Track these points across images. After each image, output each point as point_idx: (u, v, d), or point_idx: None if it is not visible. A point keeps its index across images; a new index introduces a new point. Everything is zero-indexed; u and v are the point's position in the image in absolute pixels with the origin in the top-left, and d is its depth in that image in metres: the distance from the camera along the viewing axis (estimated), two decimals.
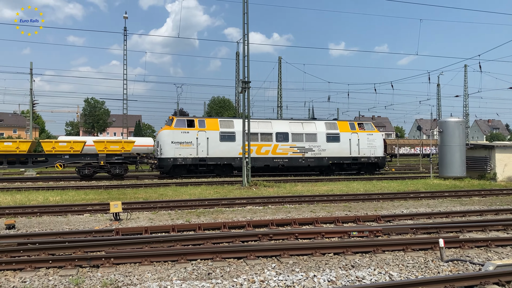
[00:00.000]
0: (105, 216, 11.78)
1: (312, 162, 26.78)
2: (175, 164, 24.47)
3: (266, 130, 26.22)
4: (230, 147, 25.20)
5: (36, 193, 16.54)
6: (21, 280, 6.15)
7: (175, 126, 24.83)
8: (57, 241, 8.13)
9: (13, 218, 11.10)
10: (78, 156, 23.86)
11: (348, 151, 27.42)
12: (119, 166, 24.24)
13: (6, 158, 22.63)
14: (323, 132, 27.12)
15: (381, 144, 28.33)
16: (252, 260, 7.12)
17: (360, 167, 28.14)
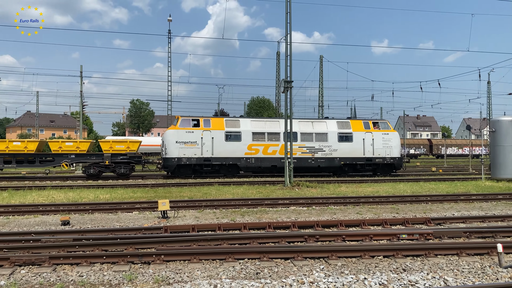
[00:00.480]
0: (153, 213, 12.09)
1: (323, 163, 25.82)
2: (180, 164, 24.34)
3: (274, 130, 25.52)
4: (235, 146, 24.81)
5: (87, 191, 17.25)
6: (78, 274, 6.42)
7: (180, 126, 24.70)
8: (109, 238, 8.41)
9: (68, 215, 11.63)
10: (84, 155, 24.36)
11: (361, 152, 26.12)
12: (124, 165, 24.44)
13: (15, 157, 23.51)
14: (335, 132, 26.05)
15: (397, 144, 26.75)
16: (300, 261, 7.06)
17: (375, 168, 26.78)
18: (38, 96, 65.85)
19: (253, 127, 25.41)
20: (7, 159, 23.45)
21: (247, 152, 24.89)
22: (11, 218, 11.43)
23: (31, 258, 6.93)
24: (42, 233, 8.92)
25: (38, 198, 14.92)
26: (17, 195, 15.71)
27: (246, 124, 25.43)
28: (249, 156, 24.90)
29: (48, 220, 11.11)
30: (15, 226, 10.33)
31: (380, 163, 26.39)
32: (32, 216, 11.72)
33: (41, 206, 12.86)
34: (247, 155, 24.79)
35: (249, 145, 24.97)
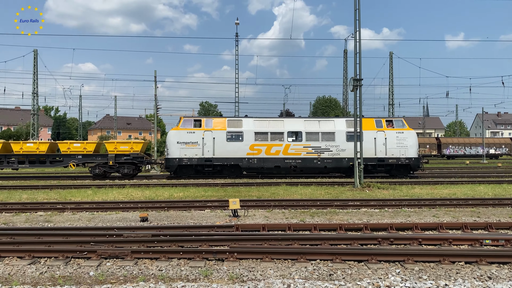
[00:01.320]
0: (224, 212, 12.41)
1: (330, 163, 24.69)
2: (181, 164, 24.44)
3: (277, 129, 24.85)
4: (237, 147, 24.48)
5: (162, 189, 18.11)
6: (158, 268, 6.76)
7: (182, 126, 24.80)
8: (184, 234, 8.77)
9: (146, 212, 12.30)
10: (90, 156, 25.10)
11: (372, 151, 24.46)
12: (128, 166, 24.99)
13: (28, 158, 24.85)
14: (343, 131, 24.74)
15: (414, 143, 24.83)
16: (374, 264, 6.87)
17: (390, 169, 25.18)
18: (116, 100, 70.39)
19: (256, 127, 24.97)
20: (21, 159, 25.00)
21: (249, 152, 24.54)
22: (96, 214, 12.33)
23: (115, 251, 7.43)
24: (123, 229, 9.51)
25: (119, 196, 15.93)
26: (99, 193, 16.91)
27: (248, 124, 25.04)
28: (251, 157, 24.53)
29: (128, 216, 11.83)
30: (100, 221, 11.13)
31: (394, 163, 24.74)
32: (114, 212, 12.55)
33: (121, 203, 13.72)
34: (249, 155, 24.48)
35: (251, 145, 24.61)
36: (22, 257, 7.36)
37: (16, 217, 11.87)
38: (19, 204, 13.55)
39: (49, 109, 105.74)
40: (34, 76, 44.95)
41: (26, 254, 7.39)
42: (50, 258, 7.35)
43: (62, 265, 7.01)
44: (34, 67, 44.77)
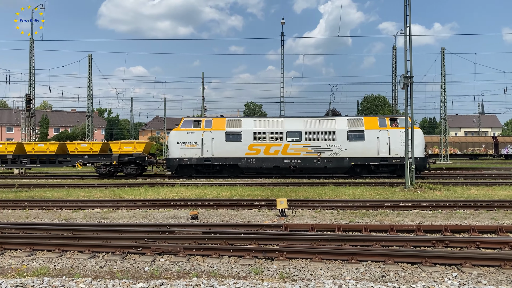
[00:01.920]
0: (272, 211, 12.45)
1: (330, 164, 24.07)
2: (181, 164, 24.74)
3: (276, 129, 24.57)
4: (236, 147, 24.46)
5: (210, 188, 18.46)
6: (209, 265, 6.91)
7: (182, 126, 25.14)
8: (233, 232, 8.90)
9: (196, 210, 12.59)
10: (96, 156, 25.93)
11: (375, 151, 23.72)
12: (131, 165, 25.72)
13: (38, 158, 26.12)
14: (344, 130, 24.10)
15: (419, 142, 23.51)
16: (429, 266, 6.65)
17: (394, 169, 24.08)
18: (165, 102, 72.47)
19: (254, 127, 24.85)
20: (33, 159, 26.31)
21: (248, 152, 24.44)
22: (149, 211, 12.78)
23: (168, 248, 7.67)
24: (175, 226, 9.80)
25: (169, 194, 16.42)
26: (151, 191, 17.50)
27: (247, 124, 24.96)
28: (249, 157, 24.44)
29: (179, 214, 12.17)
30: (152, 218, 11.52)
31: (397, 163, 23.70)
32: (166, 210, 12.95)
33: (172, 202, 14.12)
34: (247, 155, 24.40)
35: (249, 145, 24.51)
36: (82, 251, 7.77)
37: (75, 213, 12.54)
38: (77, 202, 14.30)
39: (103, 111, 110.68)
40: (89, 80, 47.20)
41: (86, 249, 7.79)
42: (108, 253, 7.71)
43: (119, 259, 7.33)
44: (88, 71, 47.02)
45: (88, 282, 5.88)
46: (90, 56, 46.94)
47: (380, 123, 24.26)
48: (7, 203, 13.92)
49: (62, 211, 12.95)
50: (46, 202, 14.20)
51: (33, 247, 7.97)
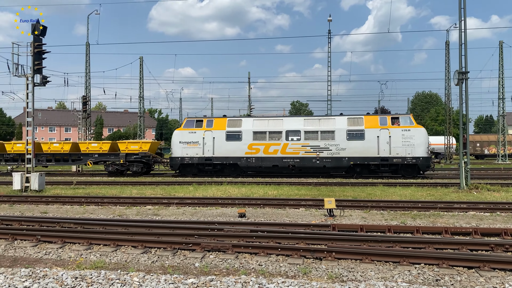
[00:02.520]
0: (319, 211, 12.33)
1: (329, 163, 23.91)
2: (183, 163, 25.39)
3: (276, 128, 24.72)
4: (236, 146, 24.77)
5: (257, 187, 18.57)
6: (258, 263, 6.96)
7: (184, 126, 25.82)
8: (281, 231, 8.89)
9: (243, 208, 12.72)
10: (105, 155, 27.07)
11: (375, 150, 23.27)
12: (137, 164, 26.74)
13: (54, 156, 27.76)
14: (343, 129, 23.84)
15: (422, 141, 22.90)
16: (487, 271, 6.32)
17: (396, 169, 23.54)
18: (212, 102, 73.82)
19: (254, 127, 25.06)
20: (49, 158, 27.86)
21: (248, 151, 24.71)
22: (198, 209, 13.07)
23: (217, 245, 7.80)
24: (223, 223, 9.95)
25: (217, 192, 16.69)
26: (200, 189, 17.87)
27: (247, 123, 25.22)
28: (249, 156, 24.69)
29: (227, 212, 12.34)
30: (201, 216, 11.77)
31: (398, 163, 23.14)
32: (214, 208, 13.18)
33: (220, 200, 14.35)
34: (247, 154, 24.66)
35: (249, 145, 24.76)
36: (136, 246, 8.07)
37: (129, 210, 13.05)
38: (130, 199, 14.87)
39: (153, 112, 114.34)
40: (140, 81, 48.93)
41: (139, 244, 8.09)
42: (160, 248, 7.96)
43: (170, 255, 7.55)
44: (140, 73, 48.75)
45: (141, 276, 6.10)
46: (141, 59, 48.63)
47: (381, 122, 23.83)
48: (66, 199, 14.73)
49: (116, 208, 13.51)
50: (102, 199, 14.89)
51: (90, 241, 8.38)
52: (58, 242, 8.44)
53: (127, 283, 5.80)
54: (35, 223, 10.24)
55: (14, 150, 28.55)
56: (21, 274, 6.20)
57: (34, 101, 18.42)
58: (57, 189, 18.72)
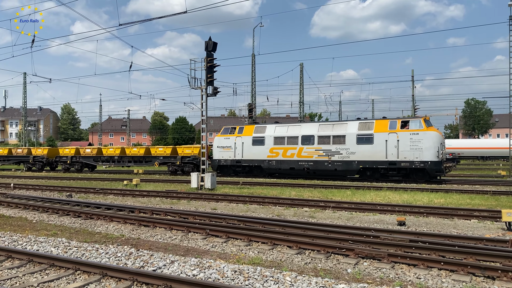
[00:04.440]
0: (496, 224, 10.77)
1: (339, 166, 24.99)
2: (220, 164, 29.21)
3: (293, 134, 26.79)
4: (259, 150, 27.58)
5: (421, 194, 17.21)
6: (416, 276, 6.44)
7: (221, 133, 29.83)
8: (446, 244, 8.04)
9: (403, 216, 11.95)
10: (168, 157, 32.93)
11: (383, 154, 23.51)
12: (188, 165, 31.69)
13: (133, 158, 34.84)
14: (353, 134, 24.66)
15: (431, 145, 22.40)
16: None
17: (405, 173, 23.34)
18: (373, 103, 71.56)
19: (275, 132, 27.54)
20: (129, 160, 35.10)
21: (269, 155, 27.25)
22: (354, 214, 12.79)
23: (372, 252, 7.49)
24: (380, 231, 9.51)
25: (376, 198, 16.06)
26: (358, 194, 17.47)
27: (270, 130, 27.86)
28: (270, 159, 27.16)
29: (385, 219, 11.76)
30: (357, 221, 11.48)
31: (406, 167, 22.98)
32: (371, 214, 12.72)
33: (378, 206, 13.77)
34: (269, 157, 27.26)
35: (270, 149, 27.15)
36: (291, 246, 8.32)
37: (286, 211, 13.55)
38: (288, 200, 15.43)
39: (314, 116, 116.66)
40: (300, 87, 50.49)
41: (294, 245, 8.32)
42: (314, 250, 8.04)
43: (323, 258, 7.56)
44: (300, 79, 50.34)
45: (293, 276, 6.25)
46: (301, 65, 50.18)
47: (390, 126, 23.91)
48: (233, 198, 16.10)
49: (275, 208, 14.19)
50: (263, 199, 15.82)
51: (250, 238, 8.97)
52: (223, 237, 9.28)
53: (279, 281, 6.02)
54: (205, 218, 11.46)
55: (107, 154, 36.35)
56: (191, 263, 7.01)
57: (207, 110, 20.72)
58: (226, 188, 20.62)
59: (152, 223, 10.77)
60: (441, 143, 22.96)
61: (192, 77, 20.77)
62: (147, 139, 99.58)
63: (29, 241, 8.90)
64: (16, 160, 41.26)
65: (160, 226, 10.58)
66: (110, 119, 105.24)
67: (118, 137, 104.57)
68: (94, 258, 7.50)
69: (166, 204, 15.38)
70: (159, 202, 15.96)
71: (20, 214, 13.25)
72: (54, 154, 39.32)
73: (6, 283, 6.22)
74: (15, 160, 41.28)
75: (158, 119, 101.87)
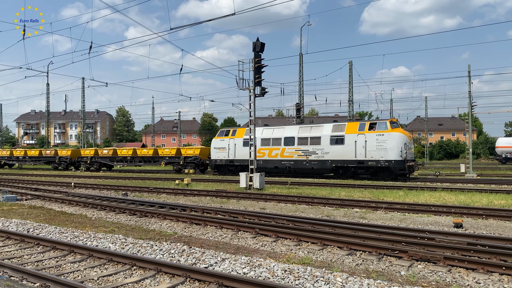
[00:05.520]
0: None
1: (316, 165, 27.18)
2: (216, 164, 32.35)
3: (277, 136, 29.33)
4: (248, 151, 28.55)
5: (479, 195, 16.36)
6: (475, 280, 6.15)
7: (217, 135, 33.01)
8: (508, 247, 7.60)
9: (460, 218, 11.42)
10: (173, 157, 36.62)
11: (353, 154, 25.60)
12: (190, 165, 35.21)
13: (143, 159, 38.53)
14: (328, 135, 26.93)
15: (394, 145, 24.16)
16: None
17: (373, 172, 25.40)
18: (426, 101, 68.80)
19: (262, 134, 30.05)
20: (140, 160, 38.84)
21: (257, 155, 26.87)
22: (407, 215, 12.40)
23: (427, 255, 7.22)
24: (435, 233, 9.15)
25: (430, 199, 15.46)
26: (411, 194, 16.89)
27: (258, 132, 29.68)
28: (258, 159, 27.32)
29: (441, 220, 11.30)
30: (411, 223, 11.11)
31: (373, 166, 24.98)
32: (425, 215, 12.27)
33: (433, 207, 13.25)
34: (257, 157, 27.21)
35: (258, 149, 28.43)
36: (341, 247, 8.21)
37: (336, 211, 13.37)
38: (338, 200, 15.21)
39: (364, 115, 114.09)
40: (350, 85, 49.58)
41: (344, 245, 8.20)
42: (365, 252, 7.88)
43: (375, 260, 7.39)
44: (349, 77, 49.43)
45: (344, 277, 6.17)
46: (350, 63, 49.27)
47: (359, 127, 25.84)
48: (281, 198, 16.12)
49: (325, 208, 14.04)
50: (312, 199, 15.70)
51: (300, 238, 8.94)
52: (272, 236, 9.32)
53: (330, 282, 5.96)
54: (255, 217, 11.56)
55: (121, 154, 40.19)
56: (241, 261, 7.11)
57: (255, 110, 20.89)
58: (274, 188, 20.67)
59: (203, 222, 11.03)
60: (405, 143, 24.62)
61: (240, 78, 21.05)
62: (197, 140, 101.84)
63: (89, 237, 9.41)
64: (45, 160, 46.02)
65: (210, 224, 10.81)
66: (162, 120, 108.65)
67: (169, 138, 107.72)
68: (149, 255, 7.80)
69: (216, 203, 15.67)
70: (209, 201, 16.30)
71: (80, 211, 14.02)
72: (77, 155, 43.84)
73: (69, 276, 6.62)
74: (45, 160, 46.05)
75: (207, 120, 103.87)
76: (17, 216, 12.99)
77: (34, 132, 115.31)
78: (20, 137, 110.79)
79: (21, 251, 8.31)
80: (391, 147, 24.34)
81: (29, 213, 13.73)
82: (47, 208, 14.86)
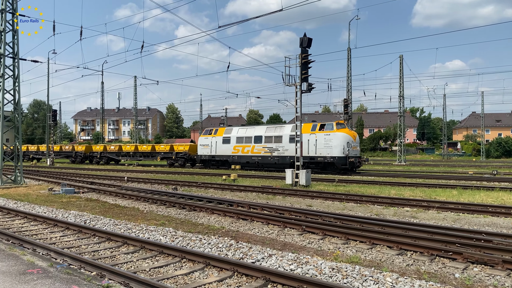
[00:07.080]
0: None
1: (278, 160, 31.36)
2: (201, 159, 36.96)
3: (249, 134, 33.68)
4: (227, 148, 34.72)
5: None
6: None
7: (203, 134, 37.70)
8: None
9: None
10: (166, 153, 41.04)
11: (306, 151, 28.68)
12: (180, 160, 39.69)
13: (143, 154, 43.48)
14: (287, 134, 31.01)
15: (338, 143, 28.28)
16: None
17: (322, 166, 29.38)
18: (483, 96, 65.36)
19: (238, 134, 34.48)
20: (140, 155, 43.72)
21: (233, 151, 34.35)
22: (461, 215, 11.85)
23: (483, 257, 6.88)
24: (493, 234, 8.70)
25: (487, 199, 14.69)
26: (465, 194, 16.13)
27: (234, 131, 35.03)
28: (234, 155, 34.27)
29: (499, 222, 10.71)
30: (465, 223, 10.61)
31: (321, 161, 29.03)
32: (482, 216, 11.67)
33: (490, 207, 12.58)
34: (233, 153, 34.38)
35: (234, 146, 34.29)
36: (391, 247, 7.99)
37: (386, 210, 13.02)
38: (388, 199, 14.80)
39: (415, 111, 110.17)
40: (400, 80, 48.00)
41: (394, 245, 7.97)
42: (416, 252, 7.63)
43: (427, 261, 7.14)
44: (400, 71, 47.86)
45: (394, 277, 6.00)
46: (401, 57, 47.72)
47: (312, 128, 29.89)
48: (328, 195, 15.92)
49: (374, 207, 13.71)
50: (360, 197, 15.38)
51: (348, 236, 8.80)
52: (319, 234, 9.23)
53: (380, 281, 5.82)
54: (301, 214, 11.50)
55: (125, 150, 45.22)
56: (288, 258, 7.10)
57: (301, 106, 20.74)
58: (320, 186, 20.46)
59: (249, 217, 11.13)
60: (347, 142, 28.45)
61: (287, 74, 20.94)
62: None
63: (141, 229, 9.77)
64: (65, 154, 52.77)
65: (257, 220, 10.89)
66: (210, 117, 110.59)
67: None
68: (198, 248, 7.99)
69: (262, 199, 15.75)
70: (255, 197, 16.40)
71: (133, 204, 14.59)
72: (89, 150, 49.94)
73: (123, 266, 6.91)
74: (64, 154, 52.83)
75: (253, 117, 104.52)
76: (75, 208, 13.72)
77: (90, 129, 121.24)
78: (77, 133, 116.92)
79: (79, 241, 8.78)
80: (336, 145, 28.48)
81: (86, 205, 14.45)
82: (102, 201, 15.58)
